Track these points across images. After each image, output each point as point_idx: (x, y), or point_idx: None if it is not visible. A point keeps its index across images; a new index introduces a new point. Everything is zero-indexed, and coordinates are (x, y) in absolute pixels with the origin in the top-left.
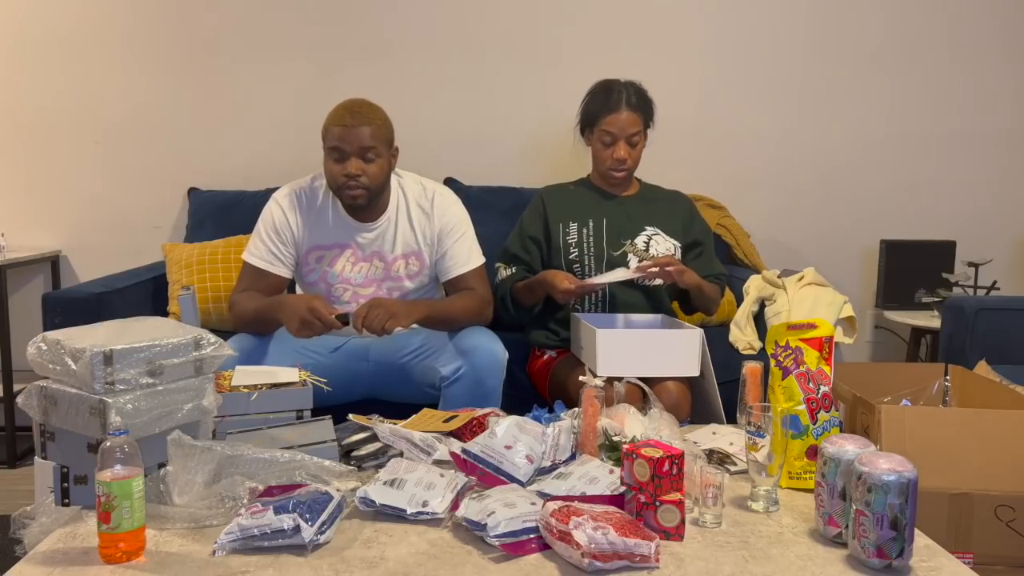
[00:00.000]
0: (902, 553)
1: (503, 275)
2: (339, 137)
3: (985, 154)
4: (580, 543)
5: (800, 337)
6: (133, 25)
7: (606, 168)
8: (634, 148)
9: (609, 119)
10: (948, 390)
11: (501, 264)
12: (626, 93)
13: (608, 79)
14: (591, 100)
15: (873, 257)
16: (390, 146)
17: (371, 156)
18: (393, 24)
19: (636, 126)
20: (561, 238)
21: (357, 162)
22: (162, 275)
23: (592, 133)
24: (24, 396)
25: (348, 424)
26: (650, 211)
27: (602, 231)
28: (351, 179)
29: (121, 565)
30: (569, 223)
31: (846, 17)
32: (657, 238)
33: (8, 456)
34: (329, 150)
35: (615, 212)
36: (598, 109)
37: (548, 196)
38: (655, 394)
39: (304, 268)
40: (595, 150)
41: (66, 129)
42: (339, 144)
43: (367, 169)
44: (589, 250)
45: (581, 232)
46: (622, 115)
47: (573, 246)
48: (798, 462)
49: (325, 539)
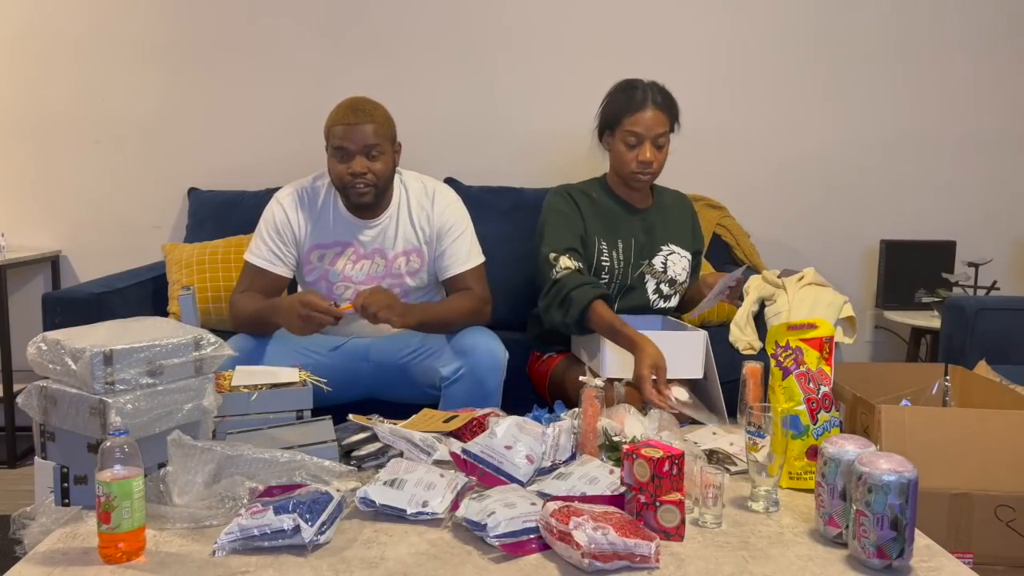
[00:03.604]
0: (902, 553)
1: (567, 264)
2: (343, 136)
3: (985, 154)
4: (580, 543)
5: (800, 337)
6: (134, 25)
7: (629, 171)
8: (660, 150)
9: (633, 118)
10: (948, 390)
11: (558, 253)
12: (651, 92)
13: (630, 78)
14: (612, 100)
15: (873, 257)
16: (393, 142)
17: (375, 153)
18: (393, 24)
19: (663, 126)
20: (596, 257)
21: (362, 160)
22: (162, 275)
23: (613, 135)
24: (24, 396)
25: (348, 424)
26: (666, 225)
27: (630, 252)
28: (357, 177)
29: (121, 565)
30: (601, 241)
31: (847, 17)
32: (673, 257)
33: (8, 456)
34: (333, 149)
35: (637, 230)
36: (621, 109)
37: (579, 198)
38: None
39: (305, 267)
40: (617, 152)
41: (66, 129)
42: (343, 143)
43: (372, 167)
44: (616, 276)
45: (612, 256)
46: (647, 114)
47: (605, 271)
48: (798, 462)
49: (325, 539)
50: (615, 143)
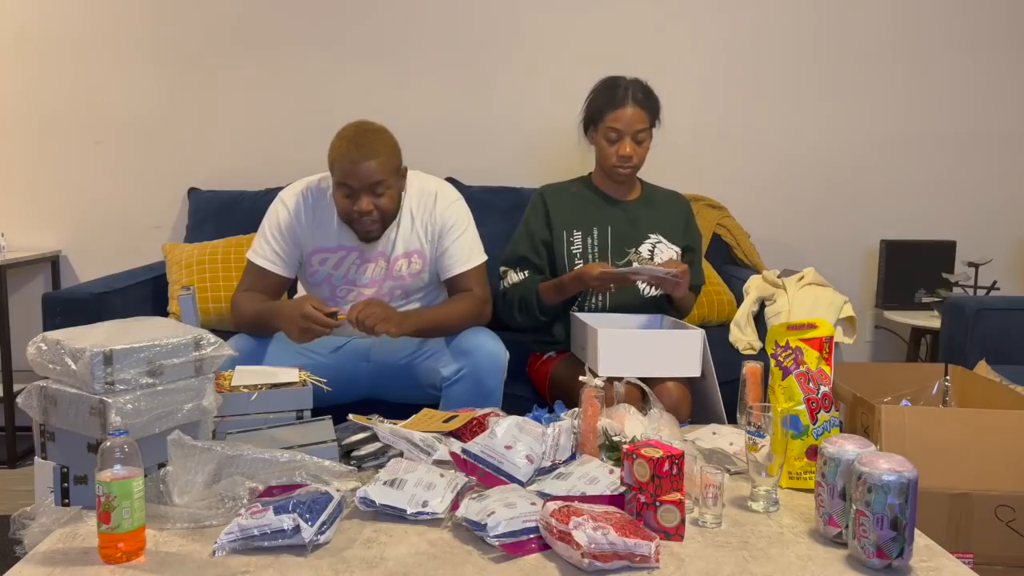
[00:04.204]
0: (902, 553)
1: (513, 279)
2: (347, 175)
3: (985, 154)
4: (580, 543)
5: (800, 337)
6: (134, 25)
7: (610, 165)
8: (640, 145)
9: (614, 115)
10: (948, 390)
11: (508, 268)
12: (632, 89)
13: (613, 76)
14: (595, 96)
15: (873, 257)
16: (399, 171)
17: (381, 191)
18: (393, 25)
19: (642, 123)
20: (565, 247)
21: (368, 199)
22: (162, 275)
23: (596, 130)
24: (24, 396)
25: (348, 424)
26: (653, 216)
27: (607, 240)
28: (363, 215)
29: (121, 565)
30: (573, 232)
31: (847, 17)
32: (660, 246)
33: (8, 456)
34: (337, 184)
35: (619, 219)
36: (603, 105)
37: (550, 198)
38: (655, 394)
39: (308, 269)
40: (599, 147)
41: (66, 129)
42: (348, 181)
43: (378, 203)
44: (594, 261)
45: (586, 242)
46: (627, 111)
47: (578, 257)
48: (798, 462)
49: (325, 539)
50: (598, 138)
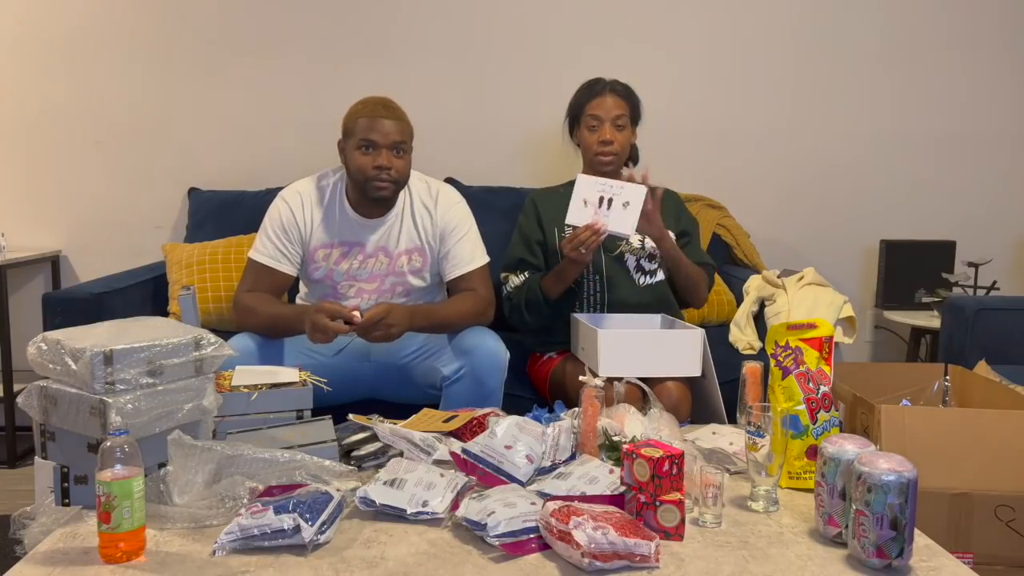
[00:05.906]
0: (902, 553)
1: (515, 282)
2: (371, 128)
3: (985, 154)
4: (580, 543)
5: (800, 337)
6: (134, 25)
7: (593, 154)
8: (620, 131)
9: (594, 103)
10: (948, 390)
11: (508, 273)
12: (611, 83)
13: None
14: (576, 95)
15: (873, 257)
16: (411, 145)
17: (401, 151)
18: (393, 24)
19: (621, 109)
20: (557, 241)
21: (388, 155)
22: (162, 275)
23: (580, 126)
24: (24, 396)
25: (348, 424)
26: None
27: None
28: (382, 171)
29: (121, 565)
30: (565, 228)
31: (846, 17)
32: None
33: (8, 456)
34: (359, 141)
35: None
36: (583, 99)
37: (540, 200)
38: (655, 394)
39: (310, 266)
40: (583, 140)
41: (66, 129)
42: (371, 136)
43: (396, 163)
44: None
45: None
46: (607, 99)
47: None
48: (798, 462)
49: (325, 539)
50: (581, 132)
